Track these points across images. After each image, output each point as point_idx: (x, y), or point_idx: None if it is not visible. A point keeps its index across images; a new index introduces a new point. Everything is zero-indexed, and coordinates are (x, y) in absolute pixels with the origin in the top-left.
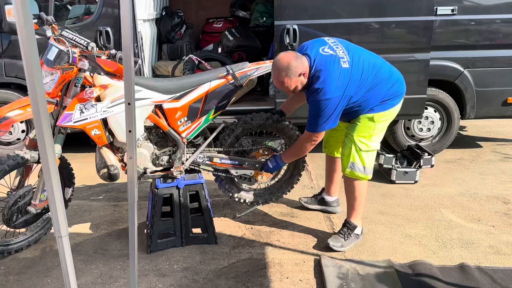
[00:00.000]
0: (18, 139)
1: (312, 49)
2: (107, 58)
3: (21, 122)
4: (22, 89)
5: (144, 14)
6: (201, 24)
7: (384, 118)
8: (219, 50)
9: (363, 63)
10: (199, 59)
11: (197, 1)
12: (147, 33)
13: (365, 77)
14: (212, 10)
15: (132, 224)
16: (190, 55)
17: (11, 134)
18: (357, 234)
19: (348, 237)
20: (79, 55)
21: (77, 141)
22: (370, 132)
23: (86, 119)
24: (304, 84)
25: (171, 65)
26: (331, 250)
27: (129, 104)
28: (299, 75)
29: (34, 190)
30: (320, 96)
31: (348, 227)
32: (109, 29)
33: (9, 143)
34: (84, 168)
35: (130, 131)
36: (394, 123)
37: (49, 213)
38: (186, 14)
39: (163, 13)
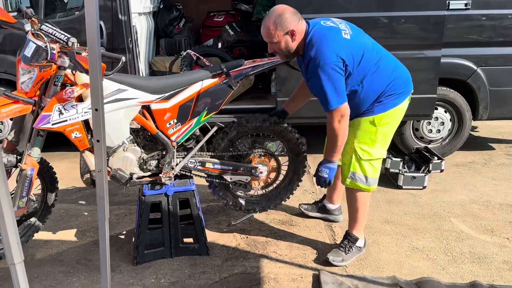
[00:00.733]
0: None
1: (314, 20)
2: (87, 55)
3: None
4: (12, 85)
5: (139, 7)
6: (202, 18)
7: (385, 121)
8: (219, 45)
9: (366, 44)
10: (197, 55)
11: None
12: (143, 27)
13: (366, 58)
14: (213, 3)
15: (103, 243)
16: (188, 51)
17: (0, 132)
18: (359, 247)
19: (349, 250)
20: (58, 51)
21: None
22: (372, 138)
23: (66, 120)
24: (289, 47)
25: (168, 60)
26: (331, 265)
27: (96, 110)
28: (288, 32)
29: (12, 196)
30: (317, 63)
31: (349, 239)
32: (101, 23)
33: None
34: (75, 169)
35: (98, 141)
36: (402, 124)
37: (30, 219)
38: (187, 7)
39: (161, 6)
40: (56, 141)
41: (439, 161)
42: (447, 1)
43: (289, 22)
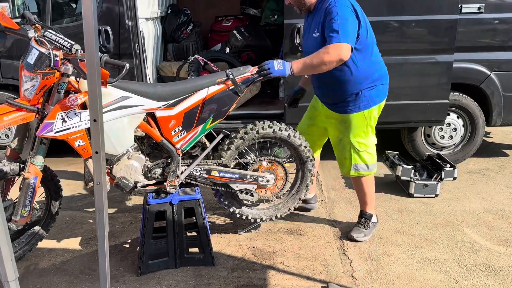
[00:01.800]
0: None
1: None
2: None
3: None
4: (18, 91)
5: (146, 12)
6: (210, 23)
7: (373, 114)
8: (227, 50)
9: (371, 31)
10: (205, 60)
11: None
12: (150, 32)
13: (370, 36)
14: (221, 8)
15: (102, 258)
16: (196, 56)
17: (8, 138)
18: (374, 222)
19: (368, 226)
20: (61, 58)
21: None
22: (365, 130)
23: (69, 128)
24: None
25: (176, 65)
26: (355, 241)
27: (95, 121)
28: None
29: (15, 204)
30: (335, 5)
31: (365, 217)
32: (109, 28)
33: (5, 147)
34: (82, 175)
35: (97, 152)
36: (413, 130)
37: (34, 227)
38: (195, 12)
39: (169, 11)
40: (64, 146)
41: (452, 168)
42: (460, 5)
43: None
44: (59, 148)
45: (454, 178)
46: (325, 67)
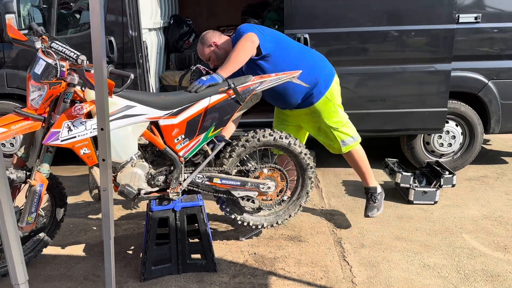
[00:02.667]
0: None
1: None
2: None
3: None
4: (24, 100)
5: (150, 23)
6: None
7: (334, 92)
8: None
9: (288, 39)
10: (206, 69)
11: (208, 9)
12: (153, 42)
13: (286, 42)
14: (223, 18)
15: (108, 263)
16: (198, 65)
17: (12, 146)
18: (380, 192)
19: (376, 199)
20: (67, 69)
21: None
22: (334, 110)
23: (75, 137)
24: (219, 54)
25: (178, 75)
26: (371, 217)
27: (102, 129)
28: (210, 44)
29: (21, 211)
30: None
31: (371, 192)
32: (112, 38)
33: (10, 155)
34: (86, 183)
35: (103, 160)
36: (412, 137)
37: (39, 234)
38: (197, 22)
39: (171, 22)
40: (68, 154)
41: (451, 175)
42: (457, 15)
43: (210, 38)
44: (64, 156)
45: (453, 185)
46: (243, 55)
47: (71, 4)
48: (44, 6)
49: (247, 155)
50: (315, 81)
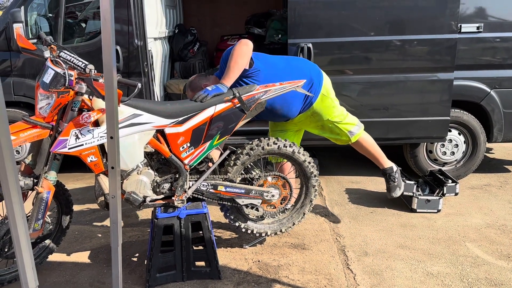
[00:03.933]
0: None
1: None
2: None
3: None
4: (30, 108)
5: (155, 32)
6: (215, 42)
7: (327, 88)
8: None
9: (269, 55)
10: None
11: (212, 18)
12: (158, 51)
13: (269, 57)
14: (227, 27)
15: (115, 269)
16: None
17: (18, 153)
18: (396, 170)
19: (395, 179)
20: (76, 78)
21: None
22: (333, 105)
23: (82, 145)
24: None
25: (183, 83)
26: (395, 197)
27: (111, 138)
28: (201, 87)
29: (28, 218)
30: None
31: (389, 173)
32: (118, 47)
33: (17, 163)
34: (90, 190)
35: (113, 168)
36: (415, 146)
37: (45, 241)
38: (201, 31)
39: (176, 31)
40: (72, 162)
41: (454, 184)
42: (459, 25)
43: (199, 82)
44: (68, 164)
45: (456, 194)
46: (241, 59)
47: (77, 13)
48: (51, 15)
49: (252, 163)
50: (310, 82)
